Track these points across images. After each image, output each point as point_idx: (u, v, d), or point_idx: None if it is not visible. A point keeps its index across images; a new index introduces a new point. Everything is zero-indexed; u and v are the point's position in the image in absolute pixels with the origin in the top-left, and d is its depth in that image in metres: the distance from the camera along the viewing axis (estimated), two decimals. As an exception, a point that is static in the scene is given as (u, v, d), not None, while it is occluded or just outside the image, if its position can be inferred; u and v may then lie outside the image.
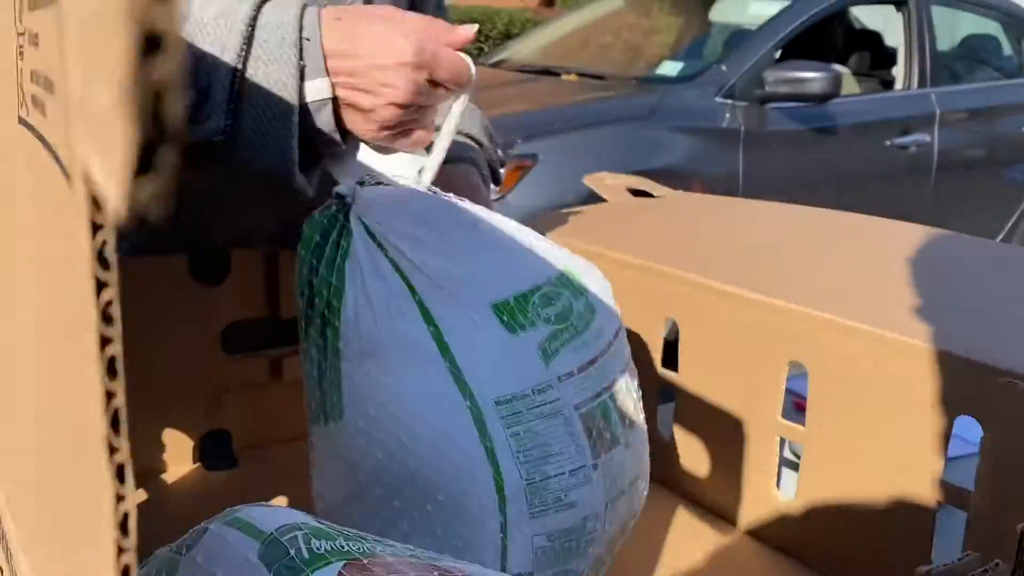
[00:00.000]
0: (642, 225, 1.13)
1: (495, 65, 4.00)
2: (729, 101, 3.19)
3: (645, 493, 0.74)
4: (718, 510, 0.91)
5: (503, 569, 0.62)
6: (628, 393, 0.70)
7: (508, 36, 6.78)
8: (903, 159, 3.61)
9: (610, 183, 1.30)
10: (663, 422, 0.97)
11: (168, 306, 0.93)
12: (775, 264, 1.00)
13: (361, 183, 0.66)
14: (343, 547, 0.45)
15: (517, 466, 0.61)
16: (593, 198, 2.91)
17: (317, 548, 0.44)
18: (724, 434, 0.89)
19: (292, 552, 0.43)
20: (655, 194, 1.29)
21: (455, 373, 0.61)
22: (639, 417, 0.72)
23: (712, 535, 0.88)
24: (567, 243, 1.05)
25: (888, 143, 3.56)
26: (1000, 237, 4.21)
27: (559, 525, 0.63)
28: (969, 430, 0.70)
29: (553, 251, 0.70)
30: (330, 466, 0.67)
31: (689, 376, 0.93)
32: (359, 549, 0.45)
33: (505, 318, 0.63)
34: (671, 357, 0.95)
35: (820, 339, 0.79)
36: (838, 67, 3.96)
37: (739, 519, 0.89)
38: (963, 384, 0.69)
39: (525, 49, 4.23)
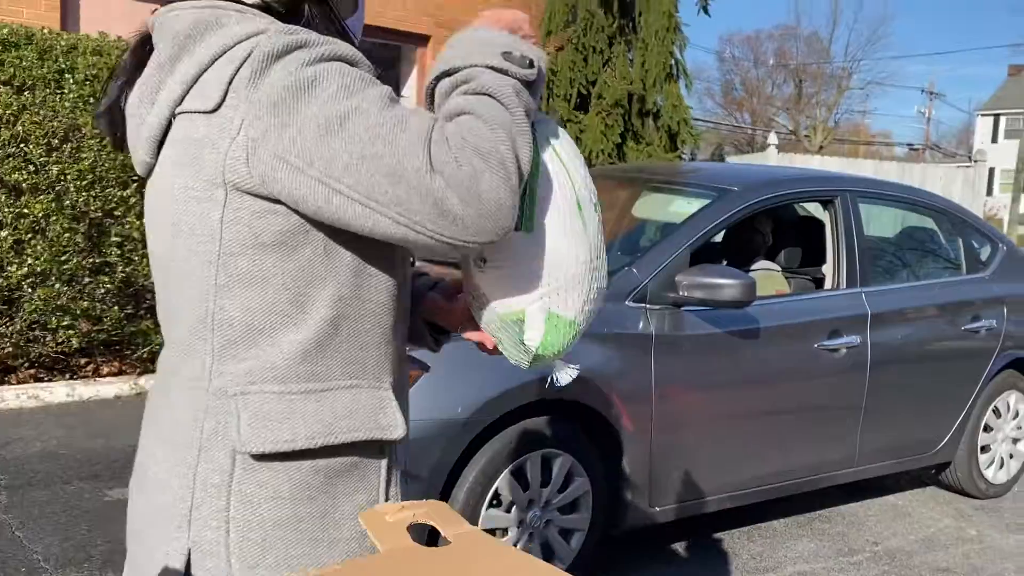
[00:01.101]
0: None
1: (416, 254, 3.85)
2: (641, 305, 2.99)
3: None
4: None
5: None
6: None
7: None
8: (832, 362, 3.37)
9: (390, 519, 0.96)
10: None
11: None
12: None
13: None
14: None
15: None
16: (489, 408, 2.66)
17: None
18: None
19: None
20: (445, 534, 0.94)
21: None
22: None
23: None
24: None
25: (816, 345, 3.33)
26: (945, 440, 3.92)
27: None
28: None
29: None
30: (523, 256, 1.06)
31: None
32: None
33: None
34: None
35: None
36: (767, 263, 3.79)
37: None
38: None
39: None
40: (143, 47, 1.06)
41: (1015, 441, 4.25)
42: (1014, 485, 4.33)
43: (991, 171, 41.02)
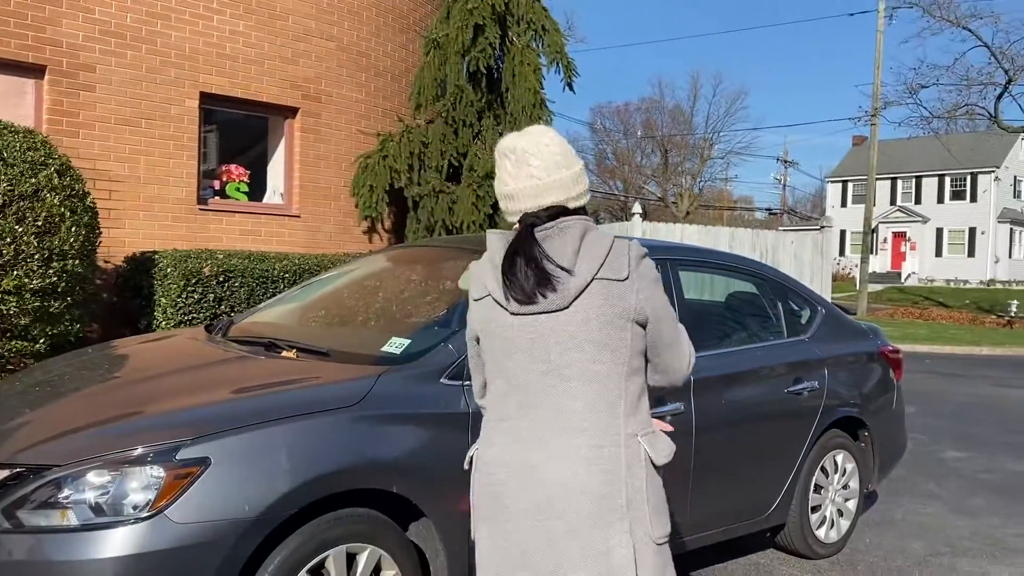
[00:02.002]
0: None
1: (226, 332, 3.54)
2: (457, 383, 2.77)
3: None
4: None
5: None
6: None
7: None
8: (658, 432, 3.23)
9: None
10: None
11: None
12: None
13: None
14: None
15: None
16: (283, 503, 2.37)
17: None
18: None
19: None
20: None
21: None
22: None
23: None
24: None
25: (640, 416, 3.19)
26: (776, 503, 3.83)
27: None
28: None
29: None
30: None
31: None
32: None
33: None
34: None
35: None
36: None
37: None
38: None
39: (271, 313, 3.78)
40: (533, 236, 1.83)
41: (845, 490, 4.20)
42: (846, 543, 4.28)
43: (842, 233, 43.44)
